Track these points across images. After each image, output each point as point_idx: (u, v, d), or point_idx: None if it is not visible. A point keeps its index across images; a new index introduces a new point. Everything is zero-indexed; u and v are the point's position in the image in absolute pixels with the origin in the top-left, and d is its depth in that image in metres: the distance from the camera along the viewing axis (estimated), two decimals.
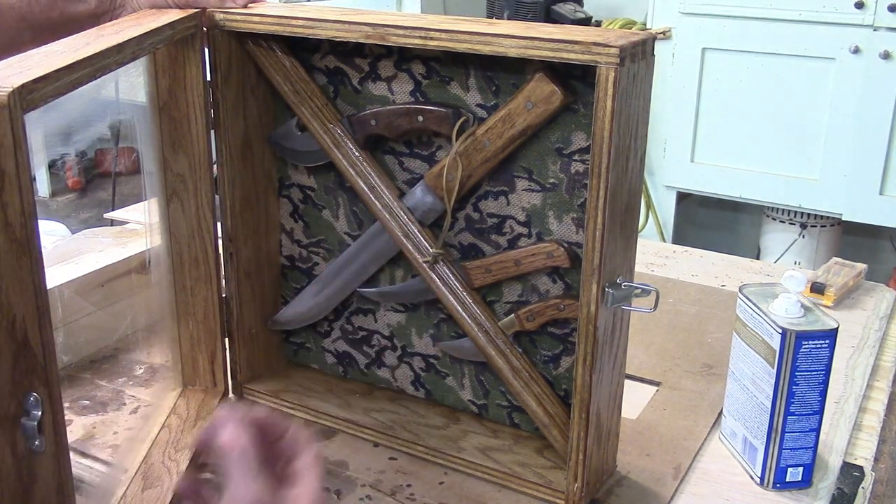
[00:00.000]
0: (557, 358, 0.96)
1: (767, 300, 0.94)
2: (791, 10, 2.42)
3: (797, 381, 0.90)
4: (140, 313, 1.26)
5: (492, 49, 0.80)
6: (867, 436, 1.06)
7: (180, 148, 0.99)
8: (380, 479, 0.95)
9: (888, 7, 2.30)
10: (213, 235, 1.03)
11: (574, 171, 0.89)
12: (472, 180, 0.93)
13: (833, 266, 1.41)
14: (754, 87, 2.54)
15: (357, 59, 0.97)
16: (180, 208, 1.02)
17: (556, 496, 0.91)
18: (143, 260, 1.25)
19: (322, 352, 1.12)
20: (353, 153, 0.98)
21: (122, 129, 2.98)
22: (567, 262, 0.91)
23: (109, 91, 1.03)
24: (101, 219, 3.03)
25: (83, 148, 4.34)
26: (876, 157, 2.41)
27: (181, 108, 0.98)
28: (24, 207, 0.68)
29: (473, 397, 1.04)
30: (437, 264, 0.97)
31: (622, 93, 0.76)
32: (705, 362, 1.20)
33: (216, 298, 1.05)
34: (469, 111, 0.91)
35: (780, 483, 0.94)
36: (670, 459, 0.98)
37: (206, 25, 0.96)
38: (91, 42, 0.82)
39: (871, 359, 1.21)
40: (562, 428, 0.94)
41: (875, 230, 2.71)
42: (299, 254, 1.10)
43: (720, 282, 1.45)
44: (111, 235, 1.49)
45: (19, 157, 0.67)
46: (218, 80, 0.98)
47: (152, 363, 1.19)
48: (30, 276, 0.69)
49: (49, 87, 0.72)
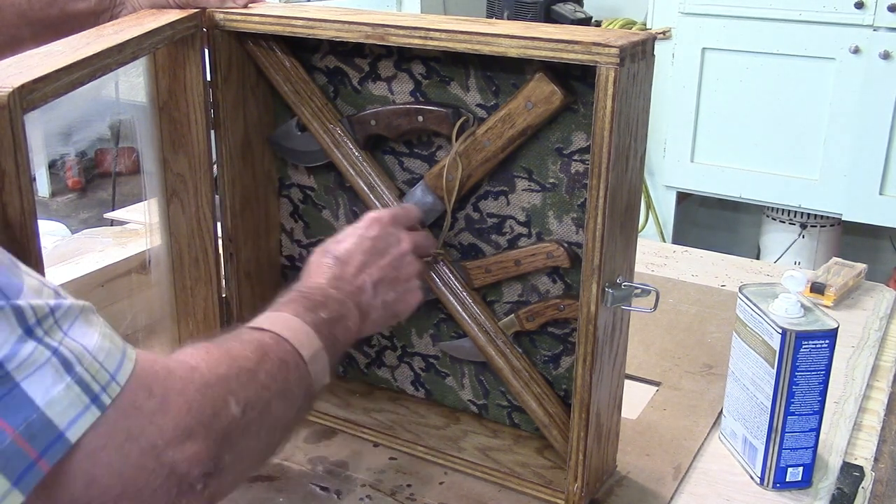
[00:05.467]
0: (557, 358, 0.96)
1: (767, 300, 0.94)
2: (791, 10, 2.42)
3: (797, 381, 0.90)
4: (140, 313, 1.25)
5: (492, 49, 0.80)
6: (867, 436, 1.06)
7: (180, 148, 0.99)
8: (380, 479, 0.95)
9: (888, 7, 2.30)
10: (213, 235, 1.03)
11: (574, 171, 0.89)
12: (472, 180, 0.93)
13: (833, 266, 1.41)
14: (754, 87, 2.54)
15: (357, 59, 0.97)
16: (180, 208, 1.02)
17: (556, 496, 0.91)
18: (143, 260, 1.25)
19: None
20: (353, 153, 0.98)
21: (122, 129, 2.98)
22: (567, 262, 0.91)
23: (109, 91, 1.03)
24: (101, 219, 3.03)
25: (83, 148, 4.33)
26: (876, 157, 2.41)
27: (181, 108, 0.98)
28: (24, 207, 0.68)
29: (473, 397, 1.04)
30: (437, 264, 0.97)
31: (622, 93, 0.76)
32: (705, 362, 1.20)
33: (216, 298, 1.05)
34: (469, 111, 0.91)
35: (780, 483, 0.94)
36: (670, 459, 0.98)
37: (206, 25, 0.96)
38: (91, 42, 0.82)
39: (871, 359, 1.21)
40: (562, 428, 0.94)
41: (875, 230, 2.71)
42: (299, 254, 1.10)
43: (720, 282, 1.45)
44: (111, 235, 1.49)
45: (19, 157, 0.67)
46: (218, 80, 0.98)
47: None
48: None
49: (49, 87, 0.72)
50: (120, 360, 0.55)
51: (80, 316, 0.55)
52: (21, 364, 0.50)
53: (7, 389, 0.49)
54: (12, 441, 0.49)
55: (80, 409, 0.52)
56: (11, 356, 0.50)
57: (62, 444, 0.51)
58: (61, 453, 0.51)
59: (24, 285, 0.52)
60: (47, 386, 0.50)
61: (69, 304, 0.54)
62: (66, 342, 0.52)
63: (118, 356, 0.55)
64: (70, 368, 0.52)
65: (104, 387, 0.53)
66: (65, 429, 0.51)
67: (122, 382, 0.54)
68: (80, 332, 0.54)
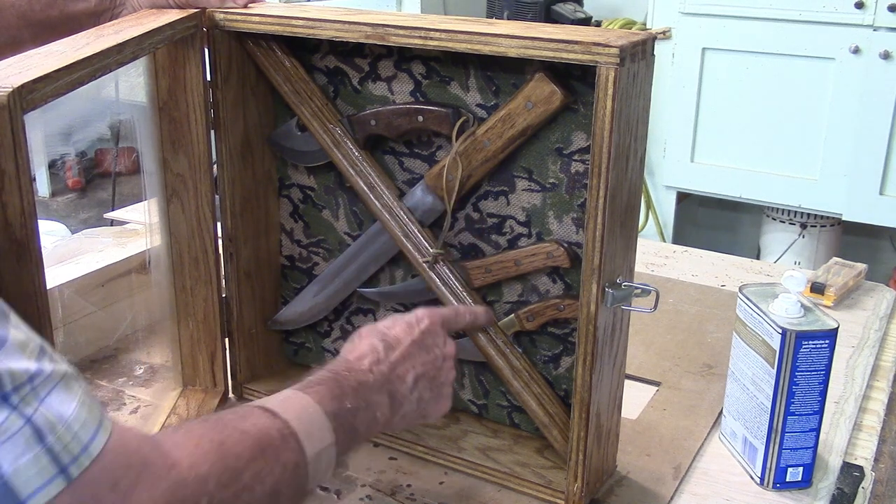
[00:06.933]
0: (557, 358, 0.96)
1: (767, 300, 0.94)
2: (791, 10, 2.42)
3: (797, 381, 0.90)
4: (140, 313, 1.26)
5: (492, 49, 0.80)
6: (867, 436, 1.06)
7: (180, 148, 0.99)
8: (380, 479, 0.95)
9: (888, 7, 2.30)
10: (213, 235, 1.03)
11: (574, 171, 0.89)
12: (472, 180, 0.93)
13: (833, 266, 1.41)
14: (754, 87, 2.54)
15: (357, 59, 0.97)
16: (180, 208, 1.02)
17: (556, 496, 0.91)
18: (143, 260, 1.25)
19: (322, 352, 1.12)
20: (353, 153, 0.98)
21: (122, 129, 2.98)
22: (567, 262, 0.91)
23: (109, 91, 1.03)
24: (101, 219, 3.03)
25: (83, 148, 4.34)
26: (876, 157, 2.41)
27: (181, 108, 0.98)
28: (24, 207, 0.68)
29: (473, 397, 1.04)
30: (437, 264, 0.97)
31: (622, 93, 0.76)
32: (705, 362, 1.20)
33: (216, 298, 1.05)
34: (469, 111, 0.91)
35: (780, 483, 0.94)
36: (670, 459, 0.98)
37: (206, 25, 0.96)
38: (91, 42, 0.82)
39: (871, 359, 1.21)
40: (562, 428, 0.94)
41: (875, 230, 2.71)
42: (299, 254, 1.10)
43: (720, 282, 1.45)
44: (111, 235, 1.49)
45: (19, 157, 0.67)
46: (218, 80, 0.98)
47: (152, 363, 1.19)
48: (30, 276, 0.69)
49: (49, 87, 0.72)
50: (95, 430, 0.54)
51: (59, 383, 0.54)
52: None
53: None
54: None
55: (45, 479, 0.51)
56: None
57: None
58: None
59: (10, 338, 0.52)
60: (17, 455, 0.50)
61: (50, 370, 0.53)
62: (41, 410, 0.52)
63: (93, 427, 0.54)
64: (42, 438, 0.51)
65: (75, 457, 0.52)
66: (26, 498, 0.50)
67: (94, 454, 0.53)
68: (58, 399, 0.53)
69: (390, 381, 0.79)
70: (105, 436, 0.54)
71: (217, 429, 0.63)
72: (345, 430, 0.72)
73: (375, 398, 0.77)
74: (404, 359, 0.81)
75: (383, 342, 0.81)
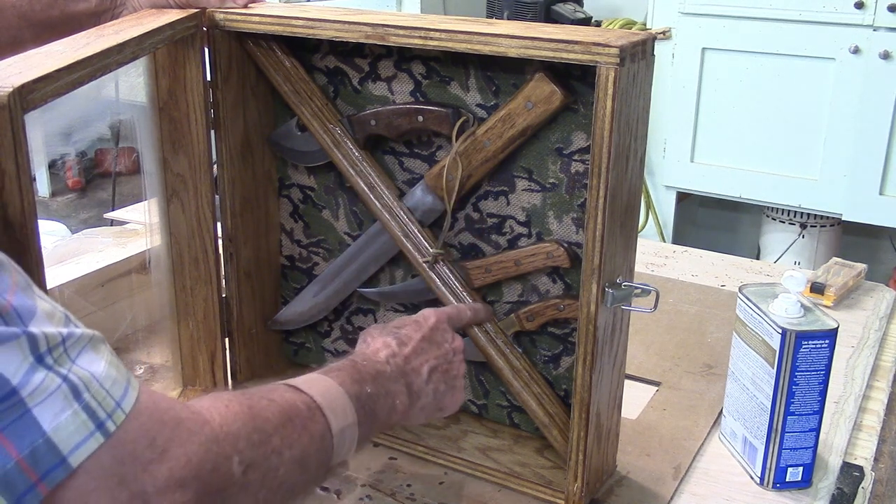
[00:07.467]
0: (557, 358, 0.96)
1: (767, 300, 0.94)
2: (791, 10, 2.42)
3: (797, 381, 0.90)
4: (140, 313, 1.26)
5: (492, 49, 0.80)
6: (867, 436, 1.06)
7: (180, 148, 0.99)
8: (380, 479, 0.95)
9: (888, 7, 2.30)
10: (213, 235, 1.03)
11: (574, 171, 0.89)
12: (472, 180, 0.93)
13: (833, 266, 1.41)
14: (754, 87, 2.54)
15: (357, 59, 0.97)
16: (180, 208, 1.02)
17: (556, 496, 0.91)
18: (143, 260, 1.25)
19: (322, 352, 1.12)
20: (353, 153, 0.98)
21: (122, 129, 2.98)
22: (567, 262, 0.91)
23: (109, 91, 1.03)
24: (101, 219, 3.03)
25: (83, 148, 4.34)
26: (876, 157, 2.41)
27: (181, 108, 0.98)
28: (24, 207, 0.68)
29: (473, 397, 1.04)
30: (437, 264, 0.97)
31: (622, 93, 0.76)
32: (705, 362, 1.20)
33: (216, 298, 1.05)
34: (469, 111, 0.91)
35: (780, 483, 0.94)
36: (670, 459, 0.98)
37: (206, 25, 0.96)
38: (91, 42, 0.82)
39: (871, 359, 1.21)
40: (562, 428, 0.94)
41: (875, 230, 2.71)
42: (299, 254, 1.10)
43: (720, 282, 1.45)
44: (111, 235, 1.49)
45: (19, 157, 0.67)
46: (218, 80, 0.98)
47: (152, 363, 1.19)
48: (30, 276, 0.69)
49: (49, 87, 0.72)
50: (125, 388, 0.56)
51: (88, 344, 0.56)
52: (33, 391, 0.51)
53: (18, 415, 0.51)
54: (16, 464, 0.50)
55: (84, 434, 0.53)
56: (24, 383, 0.51)
57: (63, 469, 0.52)
58: (61, 478, 0.52)
59: (38, 308, 0.54)
60: (56, 412, 0.52)
61: (80, 332, 0.56)
62: (74, 370, 0.54)
63: (123, 384, 0.56)
64: (78, 395, 0.53)
65: (109, 414, 0.54)
66: (67, 454, 0.52)
67: (126, 410, 0.55)
68: (88, 359, 0.55)
69: (406, 374, 0.82)
70: (134, 394, 0.56)
71: (247, 395, 0.65)
72: (366, 413, 0.74)
73: (394, 387, 0.80)
74: (417, 353, 0.84)
75: (395, 339, 0.84)
